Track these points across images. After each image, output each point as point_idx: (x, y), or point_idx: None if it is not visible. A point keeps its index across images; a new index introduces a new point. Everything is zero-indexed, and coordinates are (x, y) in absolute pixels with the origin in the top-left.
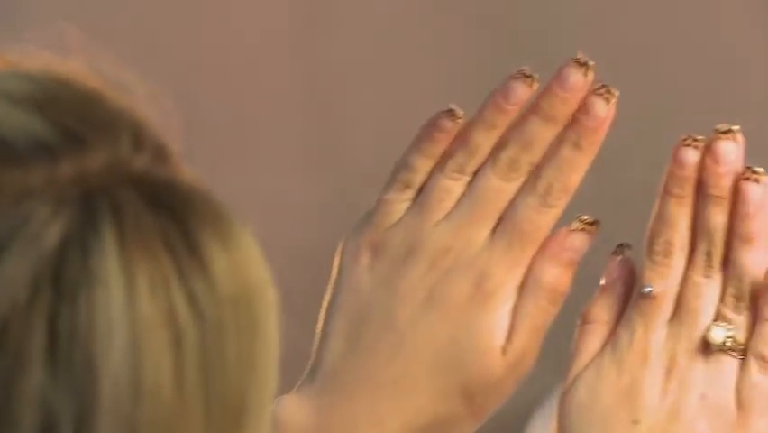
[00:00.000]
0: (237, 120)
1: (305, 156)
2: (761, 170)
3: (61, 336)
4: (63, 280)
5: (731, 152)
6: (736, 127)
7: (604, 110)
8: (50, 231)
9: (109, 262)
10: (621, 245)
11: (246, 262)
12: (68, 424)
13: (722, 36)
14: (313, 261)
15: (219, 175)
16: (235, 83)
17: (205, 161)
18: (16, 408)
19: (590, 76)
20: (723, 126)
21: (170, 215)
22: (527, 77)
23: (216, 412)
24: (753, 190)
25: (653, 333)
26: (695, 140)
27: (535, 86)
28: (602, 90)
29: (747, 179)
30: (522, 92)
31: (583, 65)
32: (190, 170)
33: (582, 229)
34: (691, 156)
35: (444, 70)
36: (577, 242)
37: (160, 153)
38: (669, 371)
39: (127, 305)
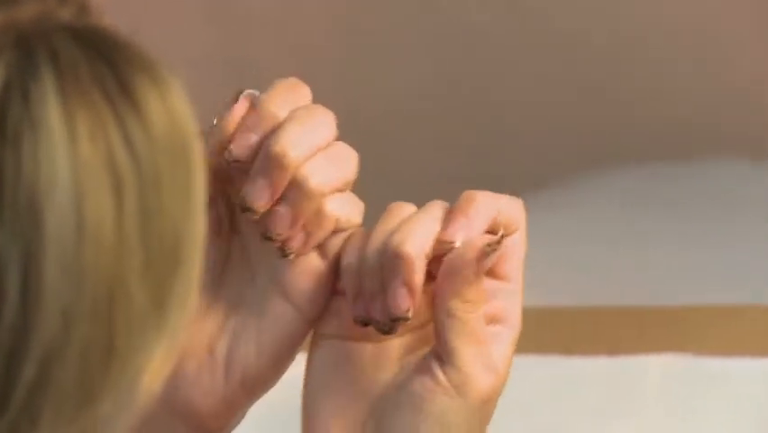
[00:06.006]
0: None
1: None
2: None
3: (5, 179)
4: (5, 124)
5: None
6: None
7: None
8: None
9: (50, 106)
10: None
11: (179, 108)
12: (15, 267)
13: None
14: None
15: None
16: None
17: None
18: None
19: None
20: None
21: (104, 60)
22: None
23: (155, 253)
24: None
25: None
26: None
27: None
28: None
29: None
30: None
31: None
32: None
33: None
34: None
35: None
36: None
37: (84, 6)
38: None
39: (69, 149)
